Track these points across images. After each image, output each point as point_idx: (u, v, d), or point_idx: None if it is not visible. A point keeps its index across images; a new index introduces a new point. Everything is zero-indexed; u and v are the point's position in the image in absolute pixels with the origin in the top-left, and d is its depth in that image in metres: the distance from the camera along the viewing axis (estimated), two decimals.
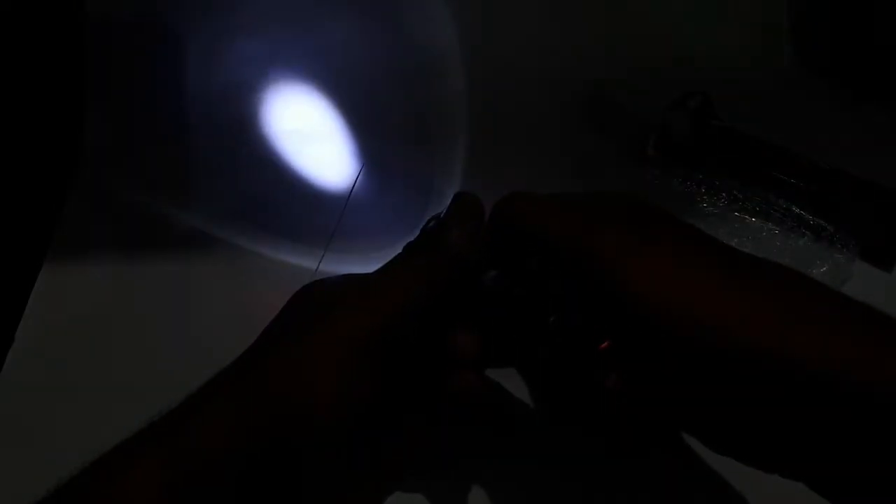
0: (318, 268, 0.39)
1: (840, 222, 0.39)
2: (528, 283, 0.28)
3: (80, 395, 0.37)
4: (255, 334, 0.27)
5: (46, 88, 0.48)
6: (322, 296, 0.26)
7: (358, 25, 0.51)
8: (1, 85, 0.46)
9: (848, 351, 0.19)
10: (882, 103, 0.44)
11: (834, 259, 0.38)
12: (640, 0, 0.50)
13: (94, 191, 0.44)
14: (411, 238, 0.31)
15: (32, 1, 0.48)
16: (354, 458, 0.26)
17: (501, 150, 0.45)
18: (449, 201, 0.30)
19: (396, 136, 0.46)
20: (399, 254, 0.29)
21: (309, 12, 0.51)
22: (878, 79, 0.45)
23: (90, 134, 0.46)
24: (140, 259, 0.41)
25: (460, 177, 0.44)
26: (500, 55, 0.48)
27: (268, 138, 0.46)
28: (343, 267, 0.28)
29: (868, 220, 0.39)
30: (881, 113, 0.44)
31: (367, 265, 0.31)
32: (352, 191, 0.42)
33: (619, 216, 0.25)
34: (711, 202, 0.41)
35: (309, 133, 0.46)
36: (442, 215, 0.29)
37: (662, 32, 0.49)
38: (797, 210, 0.40)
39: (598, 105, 0.47)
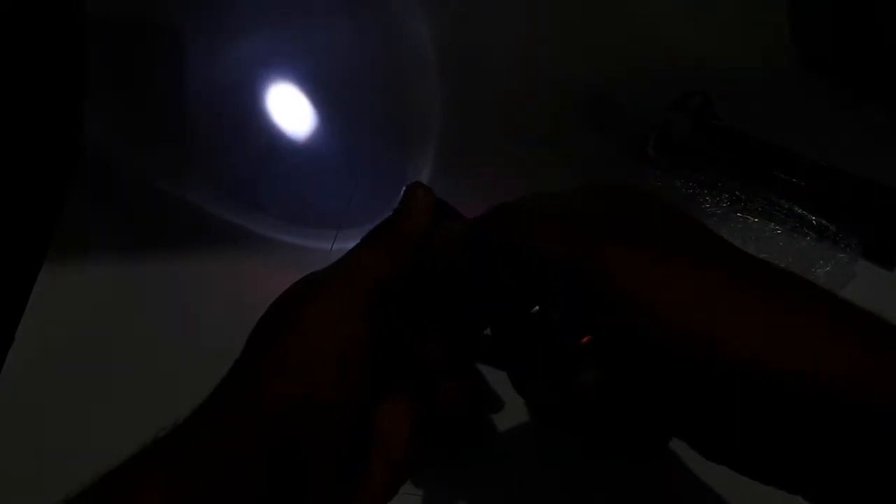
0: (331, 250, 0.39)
1: (841, 222, 0.39)
2: (517, 279, 0.28)
3: (80, 396, 0.37)
4: None
5: (46, 88, 0.48)
6: (305, 289, 0.27)
7: (359, 25, 0.51)
8: (1, 84, 0.46)
9: (846, 364, 0.19)
10: (882, 103, 0.44)
11: (837, 258, 0.38)
12: (641, 1, 0.50)
13: (94, 191, 0.44)
14: None
15: (32, 1, 0.48)
16: (357, 453, 0.26)
17: (503, 151, 0.45)
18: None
19: (396, 134, 0.46)
20: (360, 241, 0.29)
21: (307, 13, 0.51)
22: (878, 79, 0.45)
23: (90, 134, 0.46)
24: (140, 259, 0.41)
25: (461, 176, 0.43)
26: (501, 55, 0.48)
27: (268, 137, 0.46)
28: None
29: (869, 220, 0.39)
30: (881, 113, 0.44)
31: None
32: (349, 202, 0.42)
33: (614, 220, 0.24)
34: (714, 203, 0.41)
35: (310, 131, 0.46)
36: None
37: (662, 32, 0.49)
38: (799, 210, 0.40)
39: (598, 105, 0.47)
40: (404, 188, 0.30)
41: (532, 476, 0.34)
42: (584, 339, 0.26)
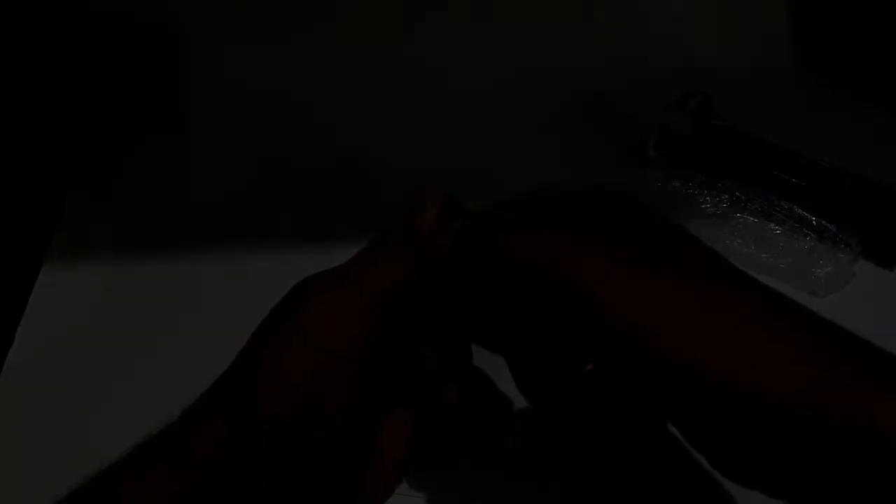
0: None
1: (842, 222, 0.39)
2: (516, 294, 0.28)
3: (80, 396, 0.37)
4: None
5: (46, 88, 0.48)
6: (309, 290, 0.26)
7: (359, 24, 0.51)
8: (0, 85, 0.46)
9: (836, 394, 0.19)
10: (882, 103, 0.44)
11: (837, 258, 0.38)
12: (641, 1, 0.50)
13: (94, 191, 0.44)
14: None
15: (32, 1, 0.48)
16: (356, 454, 0.26)
17: (502, 152, 0.45)
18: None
19: (395, 137, 0.46)
20: (365, 247, 0.29)
21: (308, 11, 0.51)
22: (878, 79, 0.45)
23: (90, 134, 0.46)
24: (140, 259, 0.41)
25: (460, 178, 0.43)
26: (500, 56, 0.48)
27: (270, 137, 0.46)
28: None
29: (869, 220, 0.39)
30: (881, 113, 0.44)
31: None
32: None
33: (600, 229, 0.24)
34: (713, 203, 0.41)
35: (314, 131, 0.46)
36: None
37: (662, 32, 0.49)
38: (799, 210, 0.40)
39: (599, 106, 0.47)
40: (416, 192, 0.29)
41: (533, 478, 0.34)
42: (589, 367, 0.26)
